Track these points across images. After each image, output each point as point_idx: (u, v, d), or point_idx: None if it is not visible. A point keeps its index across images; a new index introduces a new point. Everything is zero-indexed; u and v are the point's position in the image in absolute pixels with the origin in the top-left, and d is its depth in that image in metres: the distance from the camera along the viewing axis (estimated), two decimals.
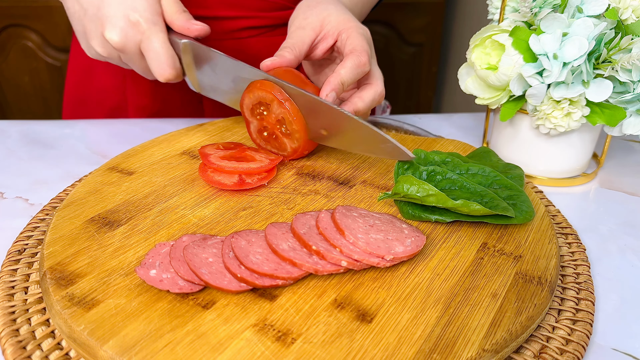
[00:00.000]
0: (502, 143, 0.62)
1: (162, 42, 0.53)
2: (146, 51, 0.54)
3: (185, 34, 0.55)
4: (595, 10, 0.50)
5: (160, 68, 0.54)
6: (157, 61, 0.54)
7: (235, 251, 0.39)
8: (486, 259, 0.42)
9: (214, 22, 0.71)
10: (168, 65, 0.54)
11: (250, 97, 0.54)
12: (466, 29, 1.71)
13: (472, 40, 0.57)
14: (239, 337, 0.34)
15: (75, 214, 0.46)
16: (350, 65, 0.53)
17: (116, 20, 0.52)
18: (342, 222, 0.41)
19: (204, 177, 0.51)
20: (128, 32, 0.53)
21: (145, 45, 0.53)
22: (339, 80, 0.52)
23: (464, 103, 1.68)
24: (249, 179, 0.51)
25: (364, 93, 0.56)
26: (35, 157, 0.63)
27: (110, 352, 0.33)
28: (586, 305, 0.40)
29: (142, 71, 0.58)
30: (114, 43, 0.53)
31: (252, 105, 0.55)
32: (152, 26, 0.53)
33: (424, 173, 0.50)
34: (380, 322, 0.35)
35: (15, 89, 1.76)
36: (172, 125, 0.72)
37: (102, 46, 0.55)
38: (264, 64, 0.54)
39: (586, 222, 0.53)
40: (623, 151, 0.69)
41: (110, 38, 0.53)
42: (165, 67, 0.54)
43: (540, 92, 0.53)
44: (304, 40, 0.56)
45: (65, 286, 0.38)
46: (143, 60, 0.56)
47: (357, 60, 0.53)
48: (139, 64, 0.56)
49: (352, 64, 0.53)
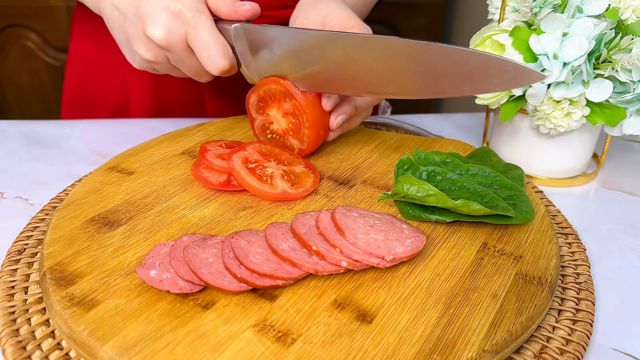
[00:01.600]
0: (502, 143, 0.62)
1: (209, 29, 0.49)
2: (194, 42, 0.49)
3: (234, 19, 0.50)
4: (595, 10, 0.50)
5: (212, 59, 0.49)
6: (207, 52, 0.49)
7: (235, 251, 0.39)
8: (486, 259, 0.42)
9: None
10: (220, 55, 0.49)
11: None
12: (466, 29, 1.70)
13: (472, 40, 0.57)
14: (239, 337, 0.34)
15: (75, 214, 0.46)
16: None
17: (157, 15, 0.48)
18: (342, 222, 0.41)
19: (194, 171, 0.51)
20: (171, 25, 0.48)
21: (192, 36, 0.49)
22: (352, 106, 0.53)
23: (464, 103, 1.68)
24: (235, 181, 0.50)
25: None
26: (35, 157, 0.63)
27: (110, 353, 0.33)
28: (586, 306, 0.40)
29: (194, 71, 0.53)
30: (158, 40, 0.49)
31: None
32: (197, 14, 0.49)
33: (424, 173, 0.50)
34: (381, 322, 0.35)
35: (15, 89, 1.76)
36: (172, 125, 0.72)
37: (147, 48, 0.51)
38: None
39: (586, 222, 0.53)
40: (623, 151, 0.69)
41: (153, 35, 0.49)
42: (217, 58, 0.49)
43: (540, 92, 0.53)
44: None
45: (65, 286, 0.38)
46: (193, 56, 0.51)
47: None
48: (189, 61, 0.52)
49: None
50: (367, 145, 0.60)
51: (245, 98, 0.57)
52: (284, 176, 0.50)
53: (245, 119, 0.66)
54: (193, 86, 0.76)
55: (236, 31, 0.50)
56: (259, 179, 0.49)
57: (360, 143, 0.61)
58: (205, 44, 0.49)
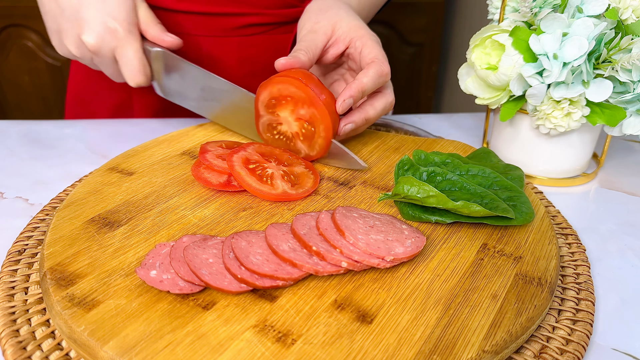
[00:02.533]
0: (502, 143, 0.62)
1: (136, 51, 0.57)
2: (120, 57, 0.57)
3: (158, 44, 0.59)
4: (595, 10, 0.50)
5: (132, 74, 0.58)
6: (129, 67, 0.57)
7: (236, 252, 0.39)
8: (486, 260, 0.42)
9: (219, 19, 0.71)
10: (139, 72, 0.58)
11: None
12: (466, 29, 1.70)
13: (472, 40, 0.57)
14: (239, 338, 0.34)
15: (75, 214, 0.46)
16: (373, 74, 0.54)
17: (95, 25, 0.55)
18: (342, 223, 0.41)
19: (195, 172, 0.51)
20: (105, 37, 0.56)
21: (120, 52, 0.57)
22: (360, 88, 0.53)
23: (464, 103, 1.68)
24: (235, 181, 0.50)
25: (375, 101, 0.57)
26: (35, 157, 0.63)
27: (111, 353, 0.33)
28: (586, 306, 0.40)
29: (112, 74, 0.61)
30: (89, 46, 0.56)
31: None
32: (129, 35, 0.56)
33: (424, 174, 0.50)
34: (381, 323, 0.35)
35: (15, 89, 1.76)
36: (173, 126, 0.72)
37: (77, 47, 0.58)
38: (279, 62, 0.54)
39: (586, 222, 0.53)
40: (623, 151, 0.69)
41: (87, 41, 0.56)
42: (136, 74, 0.58)
43: (540, 92, 0.53)
44: (317, 45, 0.56)
45: (65, 287, 0.38)
46: (115, 64, 0.59)
47: (380, 69, 0.54)
48: (111, 67, 0.59)
49: (375, 73, 0.54)
50: (367, 146, 0.60)
51: None
52: (284, 177, 0.50)
53: None
54: None
55: (157, 54, 0.59)
56: (259, 180, 0.49)
57: (361, 143, 0.61)
58: (129, 61, 0.57)
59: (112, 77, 0.61)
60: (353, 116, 0.56)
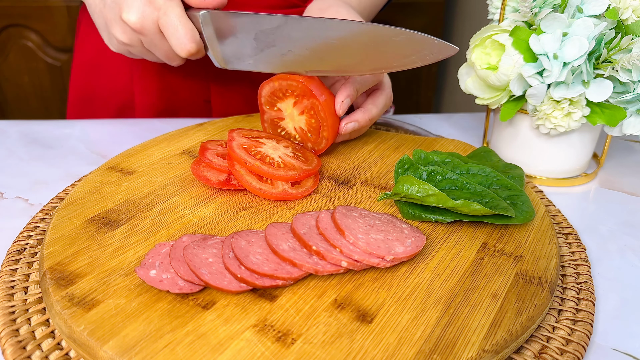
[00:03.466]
0: (502, 143, 0.62)
1: (179, 15, 0.53)
2: (164, 27, 0.53)
3: (202, 7, 0.54)
4: (595, 10, 0.50)
5: (181, 42, 0.53)
6: (176, 36, 0.53)
7: (235, 251, 0.39)
8: (486, 259, 0.42)
9: None
10: (188, 39, 0.53)
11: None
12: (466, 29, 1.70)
13: (472, 40, 0.57)
14: (239, 337, 0.34)
15: (75, 213, 0.46)
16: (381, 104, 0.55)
17: (132, 1, 0.53)
18: (342, 222, 0.41)
19: (194, 170, 0.51)
20: (145, 10, 0.53)
21: (163, 21, 0.53)
22: (354, 88, 0.53)
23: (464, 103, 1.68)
24: (235, 180, 0.51)
25: (376, 99, 0.57)
26: (35, 157, 0.63)
27: (110, 353, 0.33)
28: (586, 306, 0.40)
29: (166, 54, 0.57)
30: (132, 24, 0.53)
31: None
32: (168, 1, 0.53)
33: (424, 173, 0.50)
34: (381, 322, 0.35)
35: (15, 89, 1.76)
36: (173, 125, 0.72)
37: (122, 31, 0.56)
38: None
39: (586, 222, 0.53)
40: (623, 151, 0.69)
41: (128, 19, 0.53)
42: (184, 41, 0.53)
43: (540, 92, 0.52)
44: None
45: (65, 286, 0.38)
46: (164, 40, 0.55)
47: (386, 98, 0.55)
48: (161, 44, 0.56)
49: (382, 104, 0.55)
50: (367, 145, 0.60)
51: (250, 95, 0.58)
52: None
53: (245, 119, 0.66)
54: (199, 83, 0.76)
55: (204, 17, 0.53)
56: (259, 179, 0.49)
57: (360, 143, 0.61)
58: (174, 29, 0.53)
59: (167, 58, 0.58)
60: (356, 115, 0.56)
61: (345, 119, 0.55)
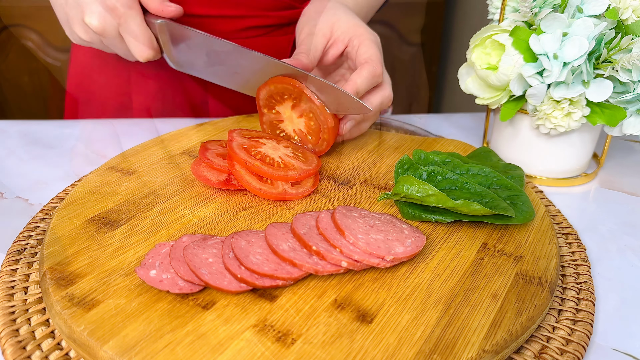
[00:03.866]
0: (502, 143, 0.62)
1: (138, 24, 0.57)
2: (125, 33, 0.57)
3: (160, 15, 0.58)
4: (595, 10, 0.50)
5: (139, 49, 0.58)
6: (135, 42, 0.57)
7: (235, 251, 0.39)
8: (486, 260, 0.42)
9: (219, 21, 0.71)
10: (146, 46, 0.58)
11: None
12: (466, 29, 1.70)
13: (472, 40, 0.57)
14: (239, 337, 0.34)
15: (75, 213, 0.46)
16: (366, 75, 0.54)
17: (94, 6, 0.56)
18: (342, 223, 0.41)
19: (194, 169, 0.51)
20: (106, 16, 0.56)
21: (123, 28, 0.57)
22: (353, 89, 0.53)
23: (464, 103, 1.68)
24: (235, 180, 0.50)
25: (372, 96, 0.57)
26: (35, 157, 0.63)
27: (110, 353, 0.33)
28: (586, 306, 0.40)
29: (124, 53, 0.61)
30: (93, 27, 0.56)
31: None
32: (129, 10, 0.56)
33: (424, 173, 0.50)
34: (381, 322, 0.35)
35: (15, 89, 1.76)
36: (172, 125, 0.72)
37: (84, 31, 0.58)
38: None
39: (586, 222, 0.53)
40: (623, 151, 0.69)
41: (90, 22, 0.56)
42: (143, 48, 0.58)
43: (540, 92, 0.52)
44: (317, 47, 0.57)
45: (65, 286, 0.38)
46: (123, 43, 0.59)
47: (373, 70, 0.54)
48: (120, 46, 0.59)
49: (368, 74, 0.54)
50: (367, 145, 0.60)
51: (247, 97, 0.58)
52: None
53: (245, 119, 0.67)
54: (196, 85, 0.76)
55: (160, 26, 0.58)
56: (259, 179, 0.49)
57: (360, 143, 0.61)
58: (134, 36, 0.57)
59: (126, 56, 0.62)
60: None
61: (343, 120, 0.55)
